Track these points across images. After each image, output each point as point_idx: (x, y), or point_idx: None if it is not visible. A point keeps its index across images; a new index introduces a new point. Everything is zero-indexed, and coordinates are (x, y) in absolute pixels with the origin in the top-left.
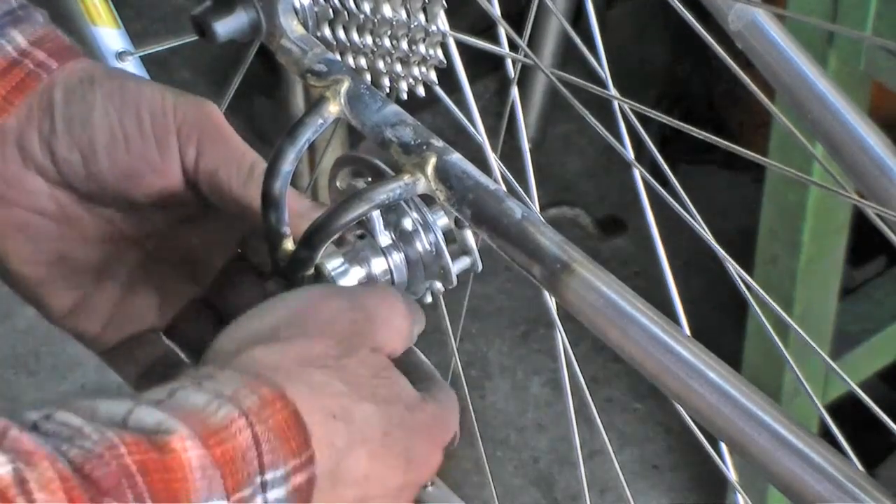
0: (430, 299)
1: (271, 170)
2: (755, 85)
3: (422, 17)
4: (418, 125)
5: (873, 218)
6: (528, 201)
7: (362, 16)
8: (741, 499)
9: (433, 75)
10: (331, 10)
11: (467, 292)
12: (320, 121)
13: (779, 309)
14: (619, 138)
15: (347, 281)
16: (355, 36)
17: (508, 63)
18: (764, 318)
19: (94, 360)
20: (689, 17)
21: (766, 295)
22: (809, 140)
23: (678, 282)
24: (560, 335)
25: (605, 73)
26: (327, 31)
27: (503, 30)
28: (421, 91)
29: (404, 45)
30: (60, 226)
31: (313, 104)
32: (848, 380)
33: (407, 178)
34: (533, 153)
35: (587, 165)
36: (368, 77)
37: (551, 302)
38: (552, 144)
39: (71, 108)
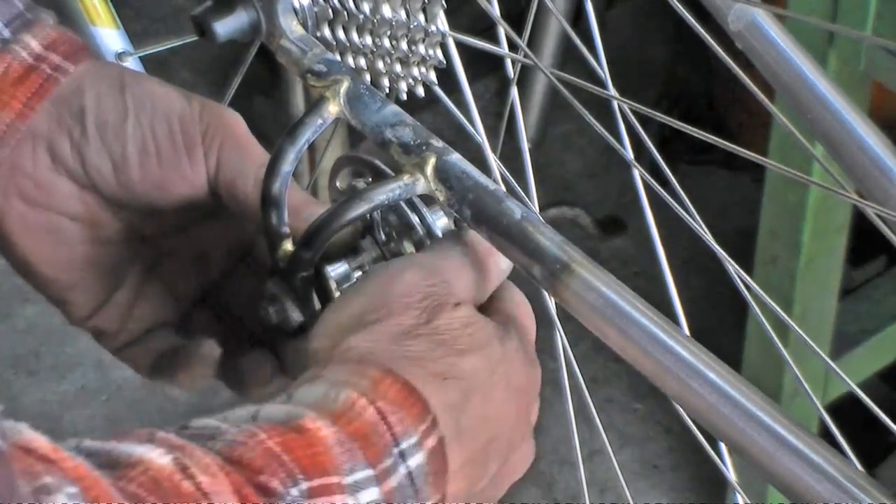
0: None
1: (271, 170)
2: (755, 85)
3: (421, 17)
4: (418, 125)
5: (873, 218)
6: (528, 201)
7: (362, 16)
8: (741, 499)
9: (433, 75)
10: (330, 11)
11: None
12: (320, 121)
13: (778, 309)
14: (619, 138)
15: (346, 282)
16: (355, 36)
17: (508, 63)
18: (763, 319)
19: (94, 360)
20: (688, 18)
21: (766, 295)
22: (809, 140)
23: (678, 282)
24: (559, 335)
25: (605, 73)
26: (327, 32)
27: (503, 30)
28: (420, 91)
29: (404, 45)
30: (87, 229)
31: (313, 104)
32: (848, 380)
33: (406, 178)
34: (533, 153)
35: (587, 165)
36: (368, 77)
37: (550, 302)
38: (552, 144)
39: (102, 116)
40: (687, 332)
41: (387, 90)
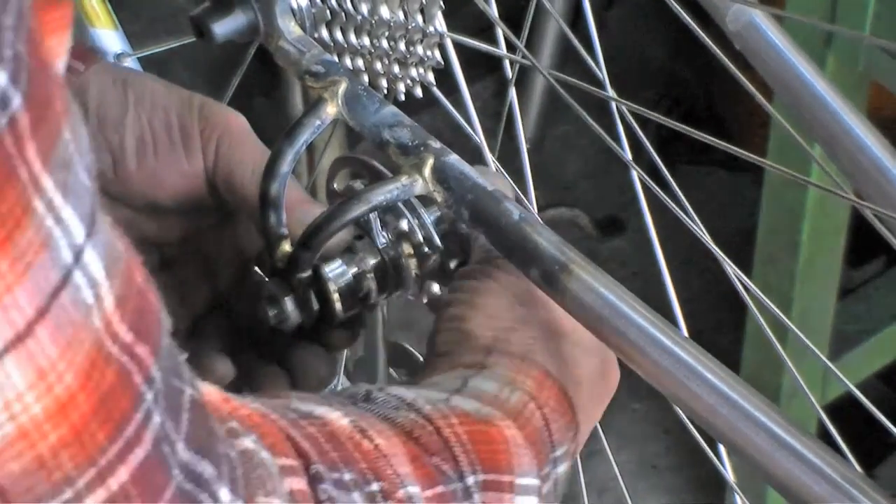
0: (426, 300)
1: (269, 171)
2: (754, 86)
3: (419, 18)
4: (416, 126)
5: (871, 218)
6: (527, 202)
7: (360, 17)
8: (739, 499)
9: (431, 76)
10: (328, 12)
11: None
12: (318, 122)
13: (777, 310)
14: (618, 139)
15: (343, 282)
16: (353, 37)
17: (506, 64)
18: (762, 319)
19: None
20: (686, 18)
21: (765, 296)
22: (808, 141)
23: (677, 282)
24: None
25: (603, 73)
26: (325, 33)
27: (501, 31)
28: (418, 92)
29: (402, 46)
30: None
31: (311, 105)
32: (846, 381)
33: (405, 179)
34: (531, 154)
35: (586, 166)
36: (366, 78)
37: None
38: (551, 145)
39: (103, 110)
40: (685, 332)
41: (385, 91)
